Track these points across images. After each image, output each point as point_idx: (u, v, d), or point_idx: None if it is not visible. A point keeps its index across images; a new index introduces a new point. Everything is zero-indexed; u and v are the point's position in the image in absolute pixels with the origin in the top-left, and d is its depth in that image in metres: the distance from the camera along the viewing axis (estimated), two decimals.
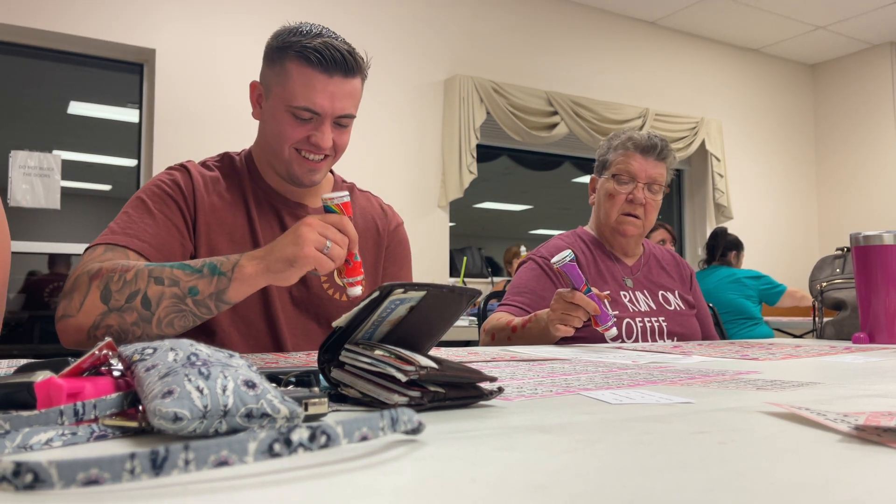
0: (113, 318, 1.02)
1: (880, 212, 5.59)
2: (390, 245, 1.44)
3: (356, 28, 4.20)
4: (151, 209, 1.20)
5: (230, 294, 1.01)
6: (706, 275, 4.01)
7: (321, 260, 0.98)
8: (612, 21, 5.14)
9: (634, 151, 1.71)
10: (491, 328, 1.61)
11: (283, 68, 1.21)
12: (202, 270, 1.01)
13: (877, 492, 0.32)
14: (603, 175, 1.77)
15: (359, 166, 4.13)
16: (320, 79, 1.19)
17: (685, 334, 1.73)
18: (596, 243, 1.78)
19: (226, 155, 1.36)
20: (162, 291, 1.00)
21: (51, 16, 3.37)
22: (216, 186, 1.29)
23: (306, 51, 1.18)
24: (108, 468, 0.29)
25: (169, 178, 1.26)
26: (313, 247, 0.97)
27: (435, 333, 0.62)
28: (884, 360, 1.05)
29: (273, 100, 1.23)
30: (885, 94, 5.66)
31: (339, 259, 1.00)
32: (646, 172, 1.71)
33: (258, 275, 1.00)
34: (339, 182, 1.46)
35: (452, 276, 4.50)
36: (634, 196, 1.70)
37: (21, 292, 3.58)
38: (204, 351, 0.46)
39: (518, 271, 1.77)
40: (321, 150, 1.23)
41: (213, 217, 1.25)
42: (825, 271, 1.85)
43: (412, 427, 0.40)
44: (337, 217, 1.02)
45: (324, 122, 1.21)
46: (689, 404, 0.58)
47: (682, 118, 5.25)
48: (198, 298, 1.00)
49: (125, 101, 3.83)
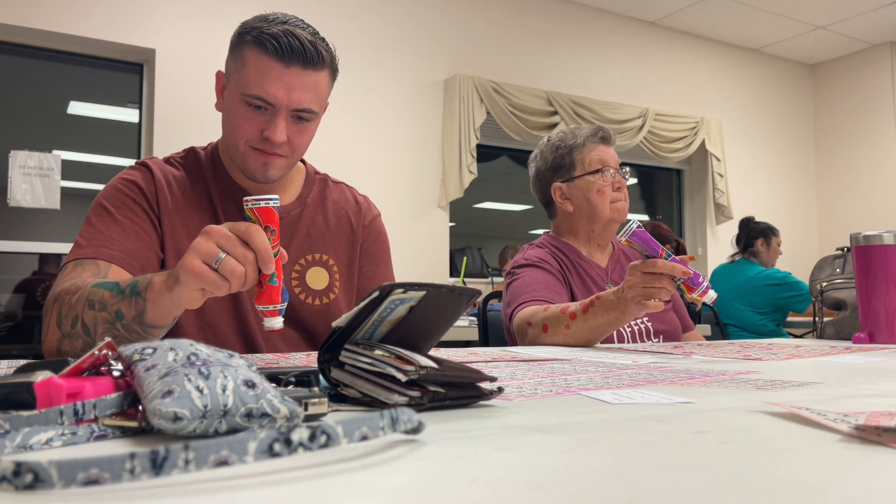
0: (67, 344, 0.98)
1: (880, 212, 5.59)
2: (366, 240, 1.36)
3: (356, 28, 4.20)
4: (115, 215, 1.14)
5: (148, 316, 0.90)
6: (725, 276, 3.77)
7: (206, 276, 0.79)
8: (612, 21, 5.14)
9: (600, 143, 1.74)
10: (540, 320, 1.43)
11: (241, 55, 1.14)
12: (125, 291, 0.91)
13: (876, 492, 0.32)
14: (573, 177, 1.73)
15: (359, 166, 4.13)
16: (275, 67, 1.10)
17: (669, 331, 1.71)
18: (569, 249, 1.75)
19: (191, 150, 1.29)
20: (95, 316, 0.94)
21: (51, 16, 3.37)
22: (180, 184, 1.22)
23: (263, 37, 1.10)
24: (108, 468, 0.29)
25: (129, 179, 1.19)
26: (199, 259, 0.80)
27: (435, 333, 0.62)
28: (884, 360, 1.05)
29: (231, 88, 1.16)
30: (884, 94, 5.66)
31: (236, 277, 0.80)
32: (614, 159, 1.74)
33: (162, 292, 0.86)
34: (312, 174, 1.36)
35: (452, 276, 4.50)
36: (618, 181, 1.73)
37: (21, 292, 3.58)
38: (204, 351, 0.46)
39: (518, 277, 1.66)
40: (274, 145, 1.14)
41: (177, 217, 1.19)
42: (825, 271, 1.85)
43: (412, 427, 0.40)
44: (245, 226, 0.82)
45: (278, 115, 1.13)
46: (689, 404, 0.58)
47: (682, 118, 5.25)
48: (125, 323, 0.91)
49: (125, 101, 3.83)
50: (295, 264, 1.26)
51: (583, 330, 1.36)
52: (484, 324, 2.09)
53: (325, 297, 1.27)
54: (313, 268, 1.28)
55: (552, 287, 1.61)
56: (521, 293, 1.59)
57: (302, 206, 1.31)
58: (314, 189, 1.34)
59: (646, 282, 1.20)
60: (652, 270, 1.19)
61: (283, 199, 1.28)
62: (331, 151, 3.99)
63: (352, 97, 4.14)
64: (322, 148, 3.97)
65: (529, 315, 1.48)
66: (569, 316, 1.37)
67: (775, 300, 3.65)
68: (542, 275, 1.64)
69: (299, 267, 1.27)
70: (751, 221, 3.88)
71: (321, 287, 1.28)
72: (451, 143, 4.36)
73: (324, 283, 1.28)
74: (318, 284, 1.27)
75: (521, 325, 1.50)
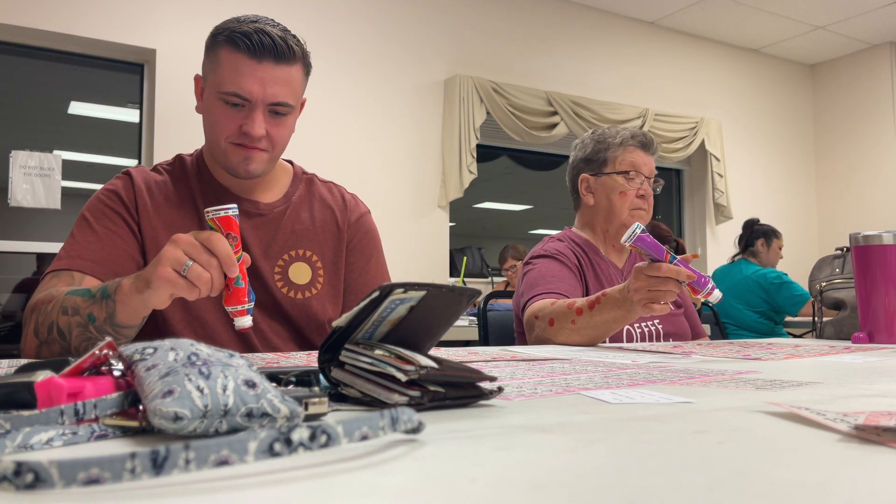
0: (45, 350, 1.03)
1: (879, 212, 5.59)
2: (353, 238, 1.38)
3: (356, 29, 4.20)
4: (93, 226, 1.19)
5: (119, 317, 0.95)
6: (724, 276, 3.78)
7: (177, 282, 0.87)
8: (612, 21, 5.14)
9: (638, 147, 1.73)
10: (547, 314, 1.44)
11: (215, 56, 1.19)
12: (95, 295, 0.97)
13: (876, 492, 0.32)
14: (602, 173, 1.75)
15: (359, 166, 4.13)
16: (248, 64, 1.15)
17: (678, 334, 1.72)
18: (588, 245, 1.75)
19: (178, 157, 1.33)
20: (69, 321, 0.99)
21: (51, 16, 3.37)
22: (162, 189, 1.26)
23: (234, 35, 1.15)
24: (108, 468, 0.29)
25: (110, 189, 1.24)
26: (170, 266, 0.87)
27: (435, 333, 0.62)
28: (883, 360, 1.05)
29: (208, 89, 1.20)
30: (884, 94, 5.66)
31: (203, 282, 0.87)
32: (648, 167, 1.73)
33: (131, 294, 0.93)
34: (299, 173, 1.39)
35: (452, 276, 4.51)
36: (645, 191, 1.71)
37: (21, 292, 3.58)
38: (204, 351, 0.46)
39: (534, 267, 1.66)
40: (253, 139, 1.17)
41: (158, 220, 1.23)
42: (824, 271, 1.85)
43: (412, 426, 0.41)
44: (207, 234, 0.89)
45: (255, 110, 1.16)
46: (688, 404, 0.58)
47: (682, 118, 5.25)
48: (97, 325, 0.96)
49: (125, 101, 3.83)
50: (279, 259, 1.29)
51: (588, 326, 1.37)
52: (484, 324, 2.09)
53: (308, 292, 1.31)
54: (296, 263, 1.31)
55: (567, 281, 1.61)
56: (535, 284, 1.60)
57: (287, 204, 1.34)
58: (300, 187, 1.38)
59: (651, 285, 1.22)
60: (657, 274, 1.21)
61: (268, 197, 1.32)
62: (331, 151, 4.00)
63: (352, 97, 4.14)
64: (323, 148, 3.98)
65: (538, 309, 1.49)
66: (575, 311, 1.38)
67: (768, 300, 3.66)
68: (558, 267, 1.64)
69: (282, 262, 1.30)
70: (755, 223, 3.89)
71: (303, 282, 1.31)
72: (451, 143, 4.36)
73: (306, 278, 1.31)
74: (300, 279, 1.30)
75: (530, 318, 1.51)
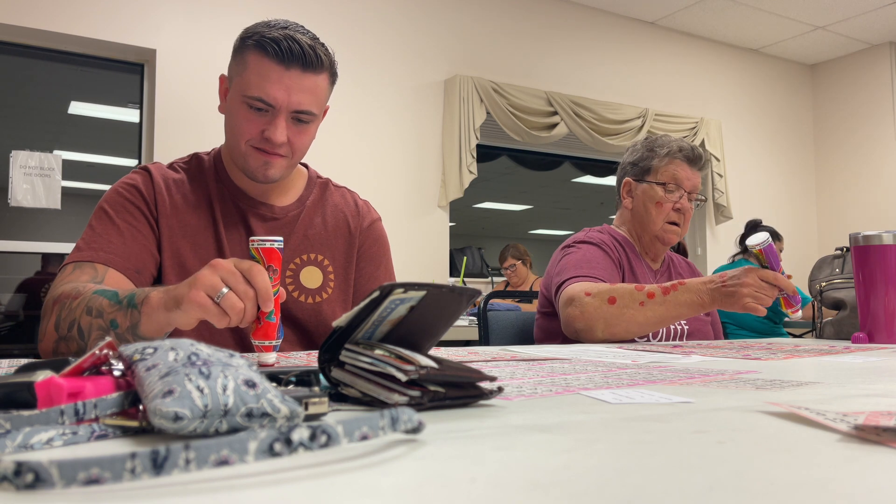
0: (63, 346, 1.01)
1: (880, 211, 5.59)
2: (364, 244, 1.39)
3: (357, 29, 4.20)
4: (114, 219, 1.18)
5: (142, 328, 0.93)
6: None
7: (208, 309, 0.83)
8: (612, 21, 5.14)
9: (683, 161, 1.71)
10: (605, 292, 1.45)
11: (242, 59, 1.18)
12: (122, 302, 0.95)
13: (876, 491, 0.32)
14: (644, 180, 1.74)
15: (359, 166, 4.13)
16: (276, 70, 1.14)
17: (701, 335, 1.75)
18: (627, 243, 1.76)
19: (195, 156, 1.32)
20: (90, 322, 0.97)
21: (51, 16, 3.37)
22: (180, 188, 1.25)
23: (264, 41, 1.14)
24: (108, 468, 0.29)
25: (129, 183, 1.24)
26: (204, 292, 0.83)
27: (435, 333, 0.62)
28: (883, 360, 1.05)
29: (233, 90, 1.20)
30: (884, 94, 5.66)
31: (236, 312, 0.83)
32: (691, 182, 1.71)
33: (159, 309, 0.90)
34: (314, 178, 1.39)
35: (452, 276, 4.51)
36: (682, 205, 1.70)
37: (23, 292, 3.58)
38: (204, 350, 0.46)
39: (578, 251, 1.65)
40: (274, 145, 1.17)
41: (174, 219, 1.22)
42: (824, 271, 1.85)
43: (412, 426, 0.41)
44: (248, 264, 0.85)
45: (278, 116, 1.16)
46: (688, 404, 0.58)
47: (682, 118, 5.25)
48: (118, 332, 0.95)
49: (125, 101, 3.83)
50: (290, 263, 1.30)
51: (657, 310, 1.44)
52: (484, 324, 2.09)
53: (318, 296, 1.31)
54: (308, 267, 1.31)
55: (609, 270, 1.60)
56: (577, 266, 1.59)
57: (301, 208, 1.34)
58: (314, 192, 1.38)
59: (760, 287, 1.37)
60: (771, 281, 1.38)
61: (283, 201, 1.32)
62: (331, 151, 4.00)
63: (352, 98, 4.14)
64: (323, 148, 3.97)
65: (588, 287, 1.49)
66: (646, 294, 1.44)
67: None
68: (602, 256, 1.64)
69: (294, 266, 1.30)
70: (758, 224, 3.91)
71: (314, 286, 1.31)
72: (452, 143, 4.36)
73: (317, 282, 1.31)
74: (311, 283, 1.30)
75: (577, 294, 1.49)
